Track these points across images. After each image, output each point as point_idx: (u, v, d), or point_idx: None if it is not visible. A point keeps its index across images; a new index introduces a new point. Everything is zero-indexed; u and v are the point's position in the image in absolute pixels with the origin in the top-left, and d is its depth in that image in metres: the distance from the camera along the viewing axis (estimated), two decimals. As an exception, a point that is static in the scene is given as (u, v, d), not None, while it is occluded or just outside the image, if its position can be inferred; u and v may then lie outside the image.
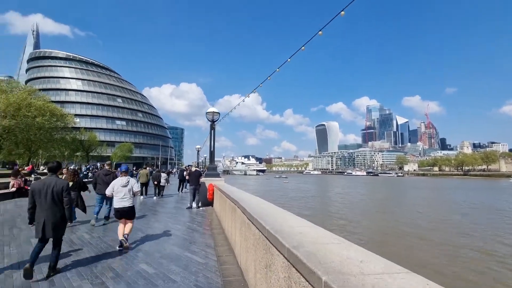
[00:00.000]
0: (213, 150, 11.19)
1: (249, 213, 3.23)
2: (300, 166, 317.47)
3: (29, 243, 4.99)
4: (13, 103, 35.10)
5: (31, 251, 3.55)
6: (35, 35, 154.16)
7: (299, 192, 42.09)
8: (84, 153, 60.54)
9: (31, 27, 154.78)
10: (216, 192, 9.12)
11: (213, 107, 11.24)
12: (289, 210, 4.24)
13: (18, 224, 6.54)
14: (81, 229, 6.20)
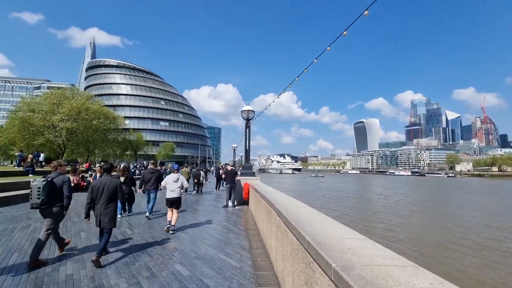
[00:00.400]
0: (249, 149, 11.07)
1: (285, 217, 2.92)
2: (337, 165, 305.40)
3: (78, 236, 5.37)
4: (74, 107, 39.71)
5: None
6: (92, 46, 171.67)
7: (337, 192, 40.22)
8: (133, 152, 65.98)
9: (89, 40, 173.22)
10: (251, 191, 8.96)
11: (248, 106, 11.12)
12: (327, 213, 3.82)
13: (72, 217, 7.15)
14: (131, 222, 6.55)
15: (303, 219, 2.75)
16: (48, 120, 36.76)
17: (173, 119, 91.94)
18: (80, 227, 6.13)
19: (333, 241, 1.94)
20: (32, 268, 3.61)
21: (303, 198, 27.61)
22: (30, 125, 36.20)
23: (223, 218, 7.85)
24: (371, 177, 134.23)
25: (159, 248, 4.74)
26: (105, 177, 4.34)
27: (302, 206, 3.76)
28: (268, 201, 4.65)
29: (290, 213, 3.11)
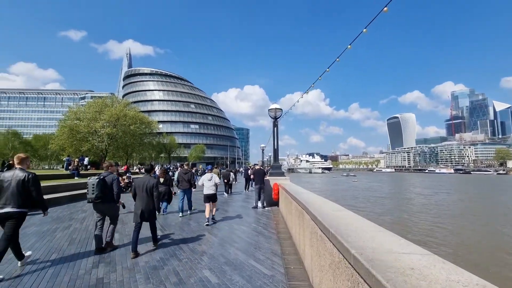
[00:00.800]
0: (277, 148, 10.73)
1: (322, 223, 2.55)
2: (370, 163, 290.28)
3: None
4: (114, 114, 42.74)
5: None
6: (128, 57, 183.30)
7: (372, 192, 37.95)
8: (166, 155, 69.21)
9: (125, 51, 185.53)
10: (281, 192, 8.61)
11: (276, 104, 10.78)
12: (364, 215, 3.34)
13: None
14: (163, 223, 6.61)
15: (343, 226, 2.36)
16: (91, 127, 40.03)
17: (203, 122, 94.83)
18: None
19: (387, 257, 1.55)
20: (100, 251, 4.49)
21: (334, 199, 26.46)
22: (76, 132, 39.71)
23: (252, 220, 7.61)
24: (408, 175, 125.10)
25: (188, 251, 4.62)
26: (145, 176, 4.97)
27: (339, 209, 3.34)
28: (300, 203, 4.29)
29: (326, 217, 2.73)
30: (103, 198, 4.54)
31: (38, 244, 4.93)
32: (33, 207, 3.85)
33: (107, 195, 4.62)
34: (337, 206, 3.56)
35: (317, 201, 4.20)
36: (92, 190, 4.48)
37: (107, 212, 4.75)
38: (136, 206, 4.71)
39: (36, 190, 3.80)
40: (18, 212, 3.62)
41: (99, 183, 4.50)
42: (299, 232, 4.45)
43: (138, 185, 4.79)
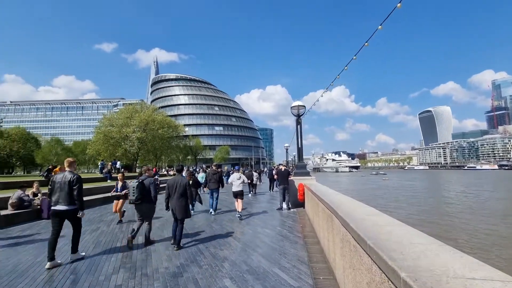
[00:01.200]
0: (301, 147, 10.27)
1: (356, 231, 2.15)
2: (401, 160, 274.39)
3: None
4: (143, 119, 44.83)
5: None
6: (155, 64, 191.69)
7: (406, 191, 35.53)
8: (193, 157, 71.12)
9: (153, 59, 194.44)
10: (307, 193, 8.16)
11: (298, 101, 10.33)
12: (400, 219, 2.86)
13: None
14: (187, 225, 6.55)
15: (384, 236, 1.95)
16: (123, 132, 42.33)
17: (227, 123, 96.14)
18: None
19: (455, 284, 1.14)
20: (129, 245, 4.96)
21: (363, 199, 25.10)
22: (110, 138, 42.24)
23: (277, 222, 7.27)
24: (444, 172, 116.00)
25: (209, 256, 4.41)
26: (177, 176, 5.26)
27: (375, 213, 2.89)
28: (328, 205, 3.88)
29: (361, 224, 2.32)
30: (142, 200, 5.04)
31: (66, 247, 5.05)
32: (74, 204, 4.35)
33: (146, 196, 5.10)
34: (371, 210, 3.10)
35: (347, 203, 3.76)
36: (132, 192, 5.00)
37: (145, 212, 5.20)
38: (171, 206, 5.06)
39: (77, 190, 4.29)
40: (69, 210, 4.25)
41: (138, 186, 4.99)
42: (328, 238, 4.04)
43: (171, 185, 5.07)
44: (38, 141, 64.47)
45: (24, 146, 58.05)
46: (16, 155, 56.87)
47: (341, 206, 3.41)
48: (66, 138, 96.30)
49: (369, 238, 1.89)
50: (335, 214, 3.23)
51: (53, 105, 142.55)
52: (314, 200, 6.08)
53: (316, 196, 5.61)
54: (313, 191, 6.20)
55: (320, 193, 5.42)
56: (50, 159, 56.55)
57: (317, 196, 5.33)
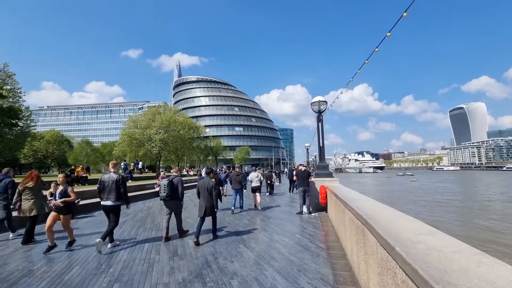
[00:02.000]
0: (322, 146, 9.46)
1: (411, 264, 1.46)
2: (430, 161, 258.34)
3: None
4: (165, 121, 45.90)
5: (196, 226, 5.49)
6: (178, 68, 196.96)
7: (438, 194, 32.83)
8: (213, 157, 71.77)
9: (175, 63, 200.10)
10: (330, 196, 7.38)
11: (319, 96, 9.53)
12: (441, 228, 2.10)
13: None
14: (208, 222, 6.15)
15: (459, 275, 1.25)
16: (146, 133, 43.64)
17: (246, 124, 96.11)
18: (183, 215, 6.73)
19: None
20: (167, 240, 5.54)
21: (391, 202, 23.39)
22: (134, 139, 43.75)
23: (297, 229, 6.56)
24: (478, 174, 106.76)
25: (216, 270, 3.86)
26: (206, 178, 5.78)
27: (430, 232, 2.07)
28: (358, 215, 3.15)
29: (414, 250, 1.62)
30: (171, 196, 5.55)
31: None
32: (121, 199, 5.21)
33: (174, 194, 5.61)
34: (422, 226, 2.33)
35: (382, 213, 3.00)
36: (163, 190, 5.47)
37: (174, 208, 5.73)
38: (200, 204, 5.61)
39: (123, 188, 5.14)
40: (115, 205, 5.06)
41: (168, 184, 5.50)
42: (358, 254, 3.30)
43: (200, 186, 5.63)
44: (70, 143, 68.55)
45: (59, 147, 61.93)
46: (52, 156, 60.76)
47: (376, 218, 2.68)
48: (96, 140, 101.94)
49: (438, 281, 1.19)
50: (369, 228, 2.52)
51: (84, 109, 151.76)
52: (339, 206, 5.33)
53: (341, 202, 4.87)
54: (338, 196, 5.45)
55: (347, 198, 4.67)
56: (81, 159, 59.76)
57: (343, 202, 4.59)
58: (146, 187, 14.53)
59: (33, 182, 5.55)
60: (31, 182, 5.54)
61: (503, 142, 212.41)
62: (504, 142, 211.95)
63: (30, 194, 5.49)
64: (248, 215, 8.38)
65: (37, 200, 5.52)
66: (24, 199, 5.45)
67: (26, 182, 5.52)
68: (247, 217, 8.08)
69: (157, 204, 11.17)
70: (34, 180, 5.58)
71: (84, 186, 12.68)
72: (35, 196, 5.52)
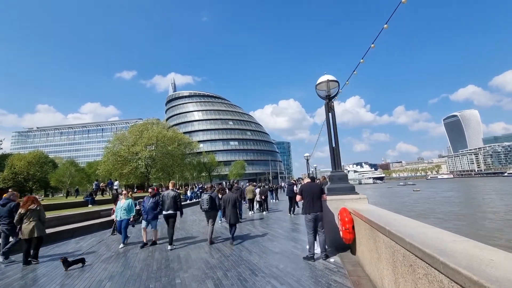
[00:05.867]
0: (337, 146, 6.40)
1: None
2: (429, 169, 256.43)
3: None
4: (152, 136, 42.80)
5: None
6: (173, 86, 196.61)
7: (452, 204, 29.64)
8: (207, 174, 68.03)
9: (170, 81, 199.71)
10: (359, 225, 4.26)
11: (327, 75, 6.59)
12: None
13: None
14: None
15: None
16: (132, 150, 40.32)
17: (242, 138, 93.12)
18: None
19: None
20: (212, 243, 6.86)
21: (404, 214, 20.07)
22: (119, 156, 40.35)
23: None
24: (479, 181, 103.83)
25: None
26: (229, 193, 7.39)
27: None
28: (447, 267, 0.86)
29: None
30: (211, 208, 6.96)
31: None
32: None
33: (213, 206, 7.01)
34: None
35: None
36: (206, 203, 6.89)
37: (212, 217, 7.05)
38: (227, 214, 6.98)
39: (179, 201, 6.94)
40: (174, 214, 6.84)
41: (209, 198, 6.94)
42: None
43: (225, 199, 7.08)
44: (55, 163, 64.49)
45: (41, 169, 57.94)
46: (33, 179, 56.66)
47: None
48: (87, 160, 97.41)
49: None
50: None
51: (75, 129, 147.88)
52: (385, 243, 2.34)
53: (391, 237, 1.95)
54: (380, 225, 2.42)
55: (406, 235, 1.75)
56: (64, 181, 55.70)
57: (397, 238, 1.86)
58: (101, 214, 11.08)
59: (36, 204, 5.92)
60: (34, 205, 5.88)
61: (500, 148, 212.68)
62: (502, 148, 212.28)
63: (33, 217, 5.78)
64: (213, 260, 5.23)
65: (38, 223, 5.83)
66: (26, 221, 5.72)
67: (28, 205, 5.81)
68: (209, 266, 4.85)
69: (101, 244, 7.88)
70: (38, 203, 6.03)
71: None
72: (36, 219, 5.82)
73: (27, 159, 56.64)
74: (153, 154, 42.15)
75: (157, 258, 5.79)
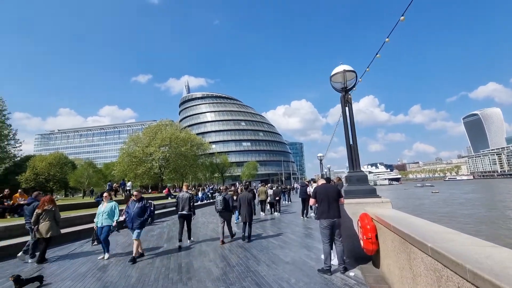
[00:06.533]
0: (354, 143, 5.75)
1: None
2: (448, 170, 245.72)
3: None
4: (165, 137, 43.25)
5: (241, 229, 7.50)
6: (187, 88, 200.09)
7: (479, 206, 27.71)
8: (219, 175, 68.08)
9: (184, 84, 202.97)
10: (385, 234, 3.63)
11: (343, 65, 5.96)
12: None
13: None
14: None
15: None
16: (146, 151, 40.93)
17: (254, 138, 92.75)
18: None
19: None
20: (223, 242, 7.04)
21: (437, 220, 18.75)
22: (134, 157, 41.06)
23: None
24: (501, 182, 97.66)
25: None
26: (245, 192, 7.86)
27: None
28: None
29: None
30: (225, 209, 7.24)
31: None
32: None
33: (227, 207, 7.30)
34: None
35: None
36: (220, 204, 7.19)
37: (226, 218, 7.36)
38: (242, 213, 7.42)
39: (193, 203, 7.45)
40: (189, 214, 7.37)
41: (223, 199, 7.23)
42: None
43: (242, 198, 7.53)
44: (75, 164, 66.66)
45: (61, 170, 59.99)
46: (53, 179, 58.75)
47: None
48: (105, 161, 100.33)
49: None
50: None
51: (93, 131, 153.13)
52: (424, 263, 1.70)
53: (439, 258, 1.23)
54: (424, 243, 1.75)
55: (461, 254, 0.96)
56: (82, 181, 57.39)
57: (450, 262, 1.18)
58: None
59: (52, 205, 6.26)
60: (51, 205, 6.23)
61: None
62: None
63: (48, 217, 6.12)
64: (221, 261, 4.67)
65: (53, 223, 6.18)
66: (42, 221, 6.05)
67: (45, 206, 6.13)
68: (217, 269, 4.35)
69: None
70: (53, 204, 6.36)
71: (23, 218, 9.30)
72: (51, 219, 6.18)
73: (48, 160, 58.83)
74: (166, 155, 42.62)
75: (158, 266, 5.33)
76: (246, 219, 7.23)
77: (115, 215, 6.43)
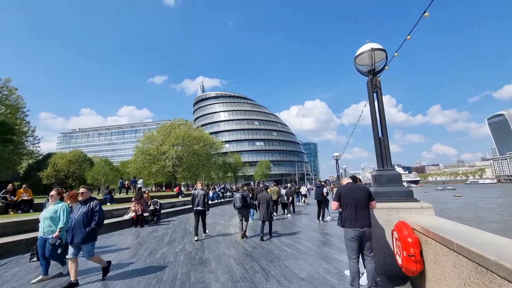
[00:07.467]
0: (385, 136, 4.79)
1: None
2: (471, 173, 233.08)
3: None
4: (179, 136, 43.35)
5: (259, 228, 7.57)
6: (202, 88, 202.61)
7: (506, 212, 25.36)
8: (232, 174, 67.76)
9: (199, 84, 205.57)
10: (436, 251, 2.69)
11: (371, 43, 5.01)
12: None
13: None
14: None
15: None
16: (160, 149, 41.20)
17: (267, 138, 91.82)
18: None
19: None
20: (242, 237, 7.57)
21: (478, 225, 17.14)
22: (148, 155, 41.45)
23: None
24: None
25: None
26: (264, 192, 7.90)
27: None
28: None
29: None
30: (243, 206, 7.56)
31: None
32: None
33: (245, 204, 7.61)
34: None
35: None
36: (239, 201, 7.49)
37: (244, 215, 7.69)
38: (261, 212, 7.57)
39: (207, 199, 7.94)
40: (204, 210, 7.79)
41: (241, 197, 7.52)
42: None
43: (261, 198, 7.64)
44: (93, 162, 68.74)
45: (80, 167, 61.92)
46: (72, 176, 60.70)
47: None
48: (122, 159, 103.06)
49: None
50: None
51: (112, 130, 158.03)
52: None
53: None
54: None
55: None
56: (99, 178, 58.82)
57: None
58: (113, 213, 10.39)
59: (82, 197, 4.76)
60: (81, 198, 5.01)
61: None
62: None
63: None
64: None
65: None
66: None
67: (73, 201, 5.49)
68: None
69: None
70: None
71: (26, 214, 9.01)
72: None
73: (67, 158, 60.86)
74: (179, 153, 42.69)
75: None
76: (265, 219, 7.39)
77: (60, 222, 4.53)
